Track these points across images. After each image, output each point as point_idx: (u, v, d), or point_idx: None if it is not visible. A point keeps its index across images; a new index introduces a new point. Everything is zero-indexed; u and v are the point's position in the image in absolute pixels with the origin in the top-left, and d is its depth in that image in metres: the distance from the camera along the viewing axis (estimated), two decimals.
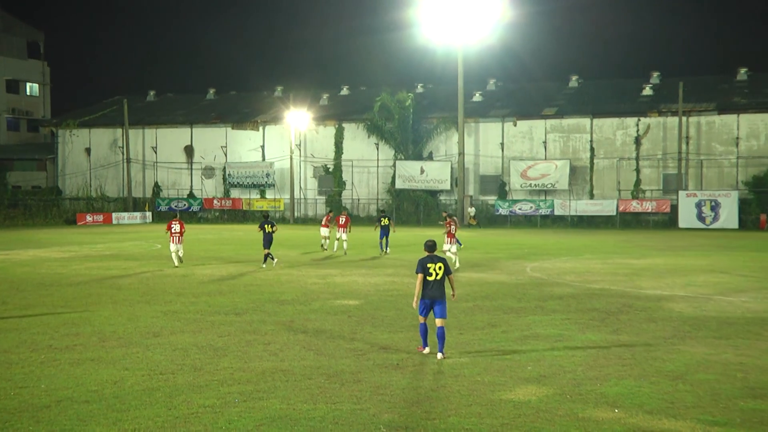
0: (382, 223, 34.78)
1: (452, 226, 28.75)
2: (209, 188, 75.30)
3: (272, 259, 28.72)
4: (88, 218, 67.41)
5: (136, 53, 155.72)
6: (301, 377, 11.80)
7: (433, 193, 67.30)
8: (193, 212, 73.35)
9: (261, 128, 73.59)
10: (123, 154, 76.31)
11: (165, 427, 9.34)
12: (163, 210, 73.12)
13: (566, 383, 11.43)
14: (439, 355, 13.01)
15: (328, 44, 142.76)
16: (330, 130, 71.69)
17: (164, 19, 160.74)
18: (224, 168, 74.29)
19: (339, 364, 12.66)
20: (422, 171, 67.02)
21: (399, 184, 67.60)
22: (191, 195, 75.33)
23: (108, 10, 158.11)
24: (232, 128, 74.17)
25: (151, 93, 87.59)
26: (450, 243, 28.70)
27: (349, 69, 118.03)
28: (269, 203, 69.58)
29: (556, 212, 62.87)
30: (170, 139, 76.45)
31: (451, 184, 66.43)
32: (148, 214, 71.90)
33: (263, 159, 73.46)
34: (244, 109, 77.51)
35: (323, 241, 36.24)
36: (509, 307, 18.80)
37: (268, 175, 72.38)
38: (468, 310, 18.34)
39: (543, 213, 63.24)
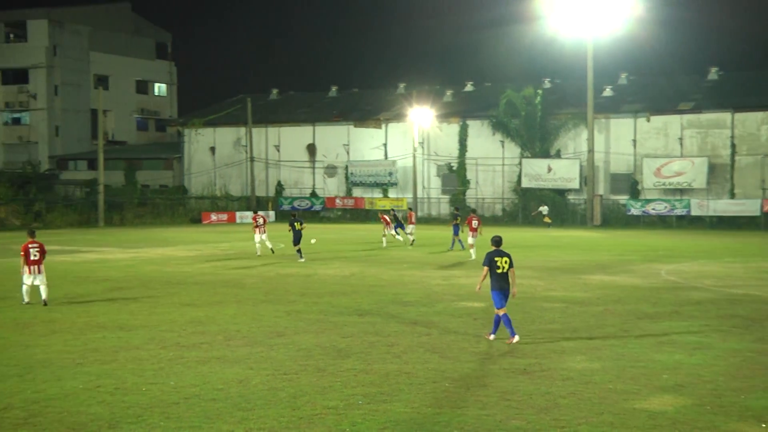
0: (457, 221, 37.26)
1: (474, 222, 33.12)
2: (331, 187, 76.59)
3: (300, 256, 31.59)
4: (213, 217, 69.79)
5: (258, 52, 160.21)
6: (425, 380, 11.83)
7: (561, 192, 66.11)
8: (315, 211, 74.78)
9: (383, 126, 74.27)
10: (246, 152, 78.55)
11: (289, 428, 9.57)
12: (286, 209, 74.83)
13: (706, 394, 11.00)
14: (516, 338, 14.61)
15: (451, 40, 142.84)
16: (454, 128, 71.59)
17: (286, 17, 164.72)
18: (346, 166, 75.38)
19: (464, 368, 12.62)
20: (549, 169, 65.96)
21: (525, 183, 66.77)
22: (313, 194, 76.83)
23: (231, 9, 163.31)
24: (355, 126, 75.19)
25: (274, 91, 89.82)
26: (473, 237, 33.04)
27: (473, 65, 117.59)
28: (392, 202, 70.13)
29: (693, 212, 60.57)
30: (293, 138, 78.22)
31: (580, 183, 65.06)
32: (271, 213, 73.74)
33: (386, 157, 74.10)
34: (367, 107, 78.42)
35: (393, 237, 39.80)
36: (643, 311, 18.26)
37: (390, 173, 72.95)
38: (598, 314, 17.94)
39: (678, 213, 61.06)
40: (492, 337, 14.98)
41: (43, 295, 20.04)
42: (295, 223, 31.98)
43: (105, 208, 64.45)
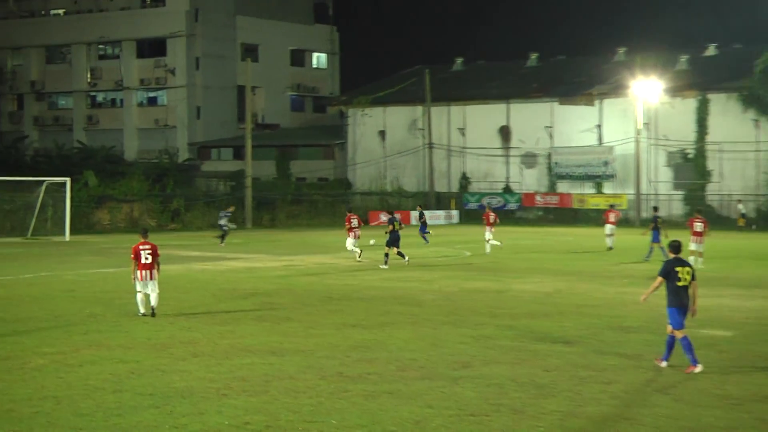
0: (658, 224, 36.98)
1: (490, 216, 40.81)
2: (530, 180, 76.17)
3: (403, 257, 34.31)
4: (382, 217, 70.83)
5: (439, 13, 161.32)
6: (652, 429, 11.55)
7: None
8: (508, 211, 74.54)
9: (597, 103, 73.07)
10: (423, 137, 79.46)
11: None
12: (472, 208, 75.09)
13: None
14: (699, 368, 14.78)
15: None
16: (689, 104, 69.40)
17: None
18: (549, 154, 74.77)
19: (706, 416, 12.27)
20: None
21: None
22: (507, 189, 76.68)
23: None
24: (560, 103, 74.43)
25: (458, 61, 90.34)
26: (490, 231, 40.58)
27: (717, 21, 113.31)
28: (607, 199, 68.86)
29: None
30: (481, 119, 78.41)
31: None
32: (455, 213, 74.23)
33: (599, 143, 72.89)
34: (575, 79, 77.44)
35: None
36: None
37: (606, 163, 71.67)
38: None
39: None
40: (664, 363, 15.24)
41: (152, 302, 21.13)
42: (395, 223, 34.66)
43: (253, 206, 67.02)
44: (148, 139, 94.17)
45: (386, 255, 34.11)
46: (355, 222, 36.80)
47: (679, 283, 14.96)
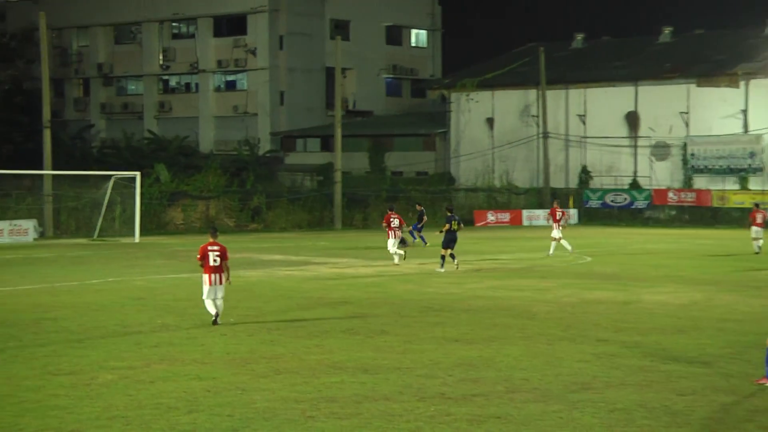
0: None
1: (557, 212, 41.88)
2: (661, 175, 75.13)
3: (453, 259, 34.95)
4: (490, 217, 70.96)
5: None
6: None
7: None
8: (636, 210, 73.65)
9: (742, 84, 71.72)
10: (538, 126, 79.00)
11: None
12: (594, 207, 74.40)
13: None
14: None
15: None
16: None
17: None
18: (684, 144, 73.65)
19: None
20: None
21: None
22: (634, 185, 75.76)
23: None
24: (697, 85, 73.28)
25: (579, 37, 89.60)
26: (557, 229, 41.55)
27: None
28: (753, 197, 67.54)
29: None
30: (604, 103, 77.61)
31: None
32: (573, 212, 73.61)
33: (745, 130, 71.57)
34: (716, 56, 76.15)
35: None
36: None
37: (752, 154, 70.36)
38: None
39: None
40: None
41: (217, 309, 21.67)
42: (452, 222, 35.21)
43: (343, 204, 67.38)
44: (225, 128, 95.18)
45: (442, 257, 35.03)
46: (395, 221, 38.05)
47: None
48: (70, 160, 75.76)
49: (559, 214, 42.25)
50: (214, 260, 21.65)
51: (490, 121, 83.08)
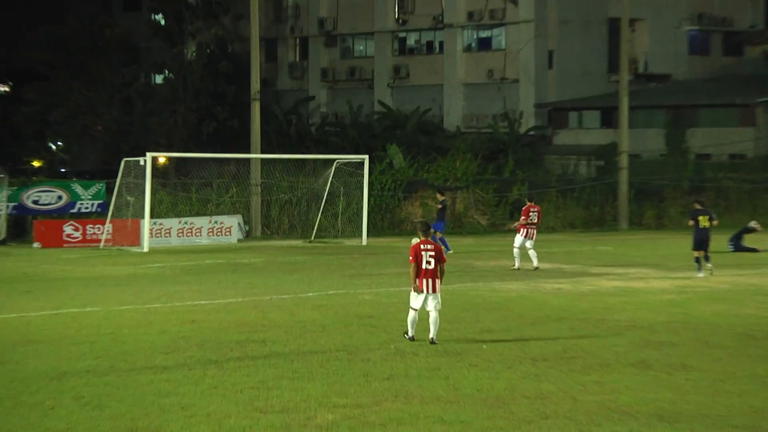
0: None
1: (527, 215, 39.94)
2: None
3: (707, 263, 36.20)
4: None
5: None
6: None
7: None
8: None
9: None
10: None
11: None
12: None
13: None
14: None
15: None
16: None
17: None
18: None
19: None
20: None
21: None
22: None
23: None
24: None
25: None
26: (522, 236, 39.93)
27: None
28: None
29: None
30: None
31: None
32: None
33: None
34: None
35: None
36: None
37: None
38: None
39: None
40: None
41: (432, 329, 22.08)
42: (699, 217, 36.40)
43: (630, 197, 66.58)
44: (477, 98, 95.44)
45: (696, 260, 36.24)
46: (534, 216, 39.60)
47: None
48: (283, 141, 77.75)
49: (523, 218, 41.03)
50: (428, 261, 21.90)
51: None
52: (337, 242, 53.07)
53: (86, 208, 54.21)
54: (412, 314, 22.47)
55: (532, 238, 39.71)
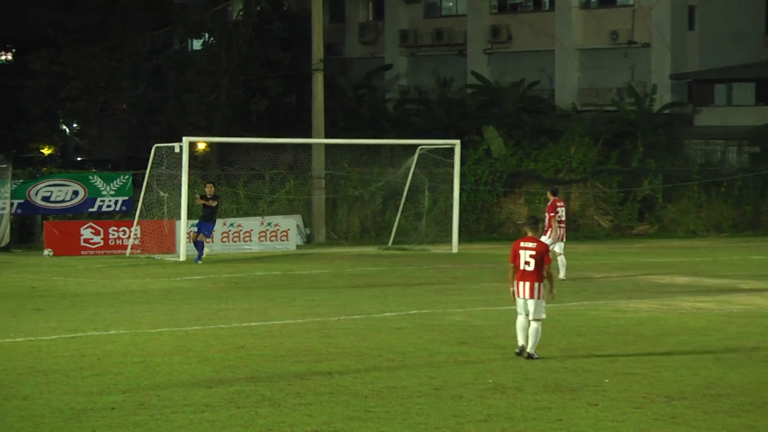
0: None
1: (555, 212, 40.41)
2: None
3: None
4: None
5: None
6: None
7: None
8: None
9: None
10: None
11: None
12: None
13: None
14: None
15: None
16: None
17: None
18: None
19: None
20: None
21: None
22: None
23: None
24: None
25: None
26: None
27: None
28: None
29: None
30: None
31: None
32: None
33: None
34: None
35: None
36: None
37: None
38: None
39: None
40: None
41: (530, 342, 22.84)
42: None
43: None
44: (597, 68, 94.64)
45: None
46: (561, 211, 40.04)
47: None
48: (352, 123, 77.52)
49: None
50: (527, 262, 22.06)
51: None
52: (421, 249, 53.15)
53: (108, 206, 54.27)
54: (520, 320, 22.82)
55: (562, 240, 40.11)
